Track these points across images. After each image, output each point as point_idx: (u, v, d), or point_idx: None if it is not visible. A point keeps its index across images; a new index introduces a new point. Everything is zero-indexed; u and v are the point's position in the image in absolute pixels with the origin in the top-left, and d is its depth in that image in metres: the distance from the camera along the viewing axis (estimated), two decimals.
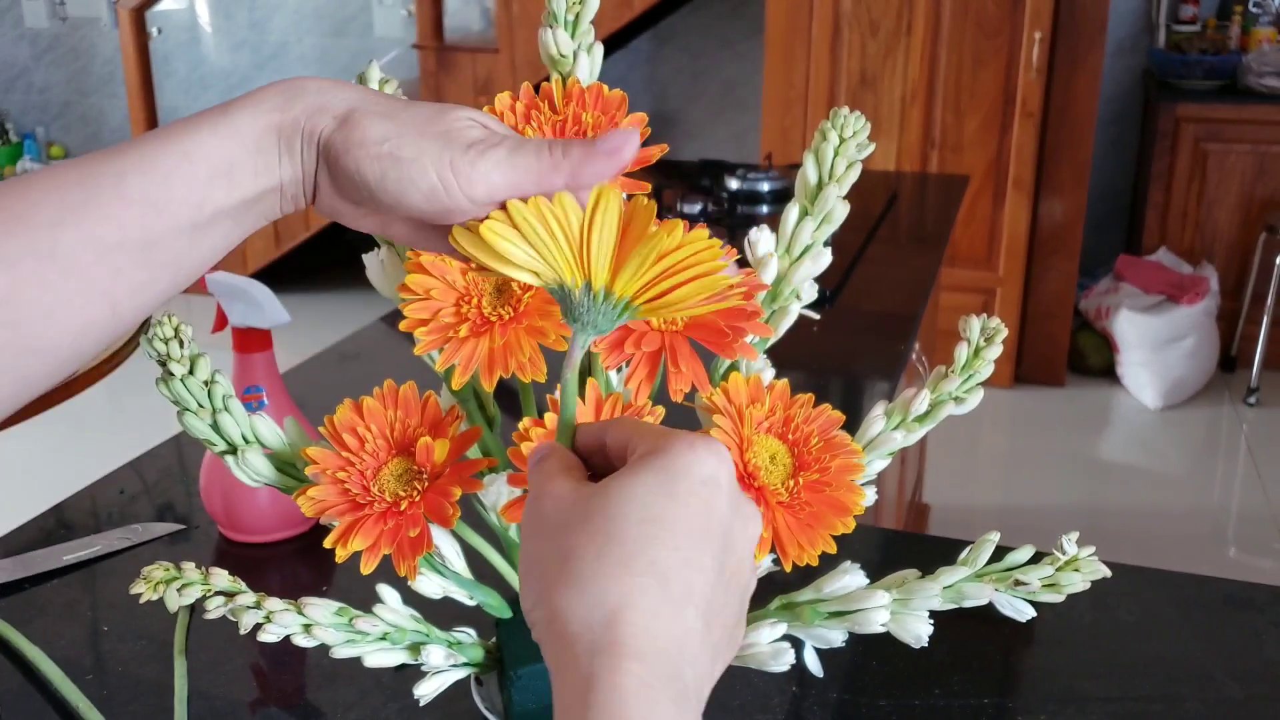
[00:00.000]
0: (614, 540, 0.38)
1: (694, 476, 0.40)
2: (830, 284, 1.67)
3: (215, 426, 0.57)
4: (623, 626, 0.36)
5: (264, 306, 0.92)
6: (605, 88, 0.57)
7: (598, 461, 0.45)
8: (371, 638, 0.60)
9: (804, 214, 0.60)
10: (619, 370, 0.59)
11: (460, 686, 0.66)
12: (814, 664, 0.61)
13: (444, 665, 0.61)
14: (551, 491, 0.42)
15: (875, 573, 0.61)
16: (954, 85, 3.26)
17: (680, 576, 0.38)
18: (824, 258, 0.61)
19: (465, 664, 0.63)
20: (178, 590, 0.59)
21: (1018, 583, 0.58)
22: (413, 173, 0.42)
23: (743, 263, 0.59)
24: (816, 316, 0.64)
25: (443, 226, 0.45)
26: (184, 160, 0.41)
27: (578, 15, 0.58)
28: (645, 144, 0.57)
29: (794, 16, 3.33)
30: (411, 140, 0.42)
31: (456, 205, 0.43)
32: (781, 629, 0.59)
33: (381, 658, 0.61)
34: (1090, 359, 3.54)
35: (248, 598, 0.59)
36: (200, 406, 0.57)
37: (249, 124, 0.43)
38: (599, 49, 0.59)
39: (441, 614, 0.64)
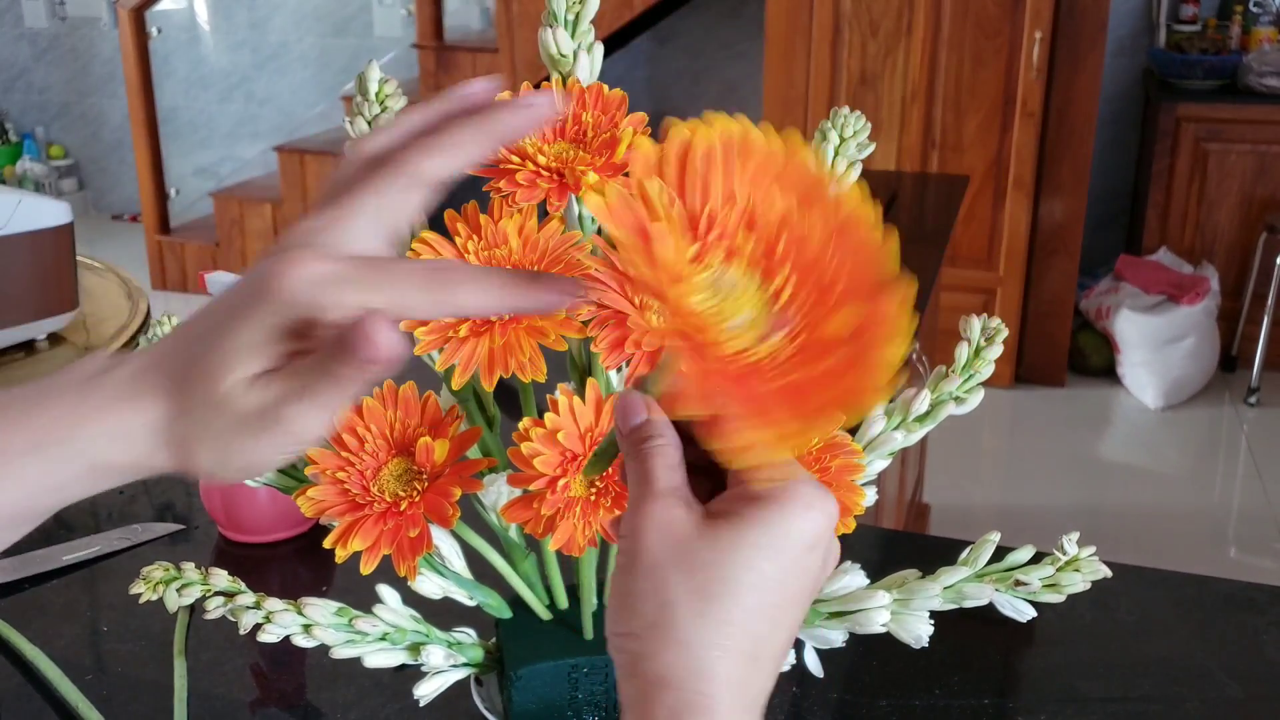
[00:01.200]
0: (715, 603, 0.38)
1: (806, 542, 0.39)
2: None
3: None
4: (711, 692, 0.37)
5: None
6: (605, 88, 0.57)
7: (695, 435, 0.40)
8: (371, 638, 0.60)
9: None
10: (619, 370, 0.59)
11: (460, 686, 0.66)
12: (814, 664, 0.61)
13: (444, 665, 0.61)
14: (658, 522, 0.39)
15: (875, 573, 0.61)
16: (954, 85, 3.26)
17: (771, 642, 0.39)
18: None
19: (465, 664, 0.63)
20: (177, 590, 0.59)
21: (1018, 583, 0.58)
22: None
23: None
24: None
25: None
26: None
27: (578, 15, 0.58)
28: None
29: (794, 17, 3.33)
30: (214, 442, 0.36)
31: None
32: None
33: (381, 658, 0.61)
34: (1091, 359, 3.54)
35: (247, 598, 0.59)
36: None
37: (74, 473, 0.37)
38: (599, 49, 0.59)
39: (441, 614, 0.64)
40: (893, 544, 1.07)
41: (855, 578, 0.59)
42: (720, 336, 0.33)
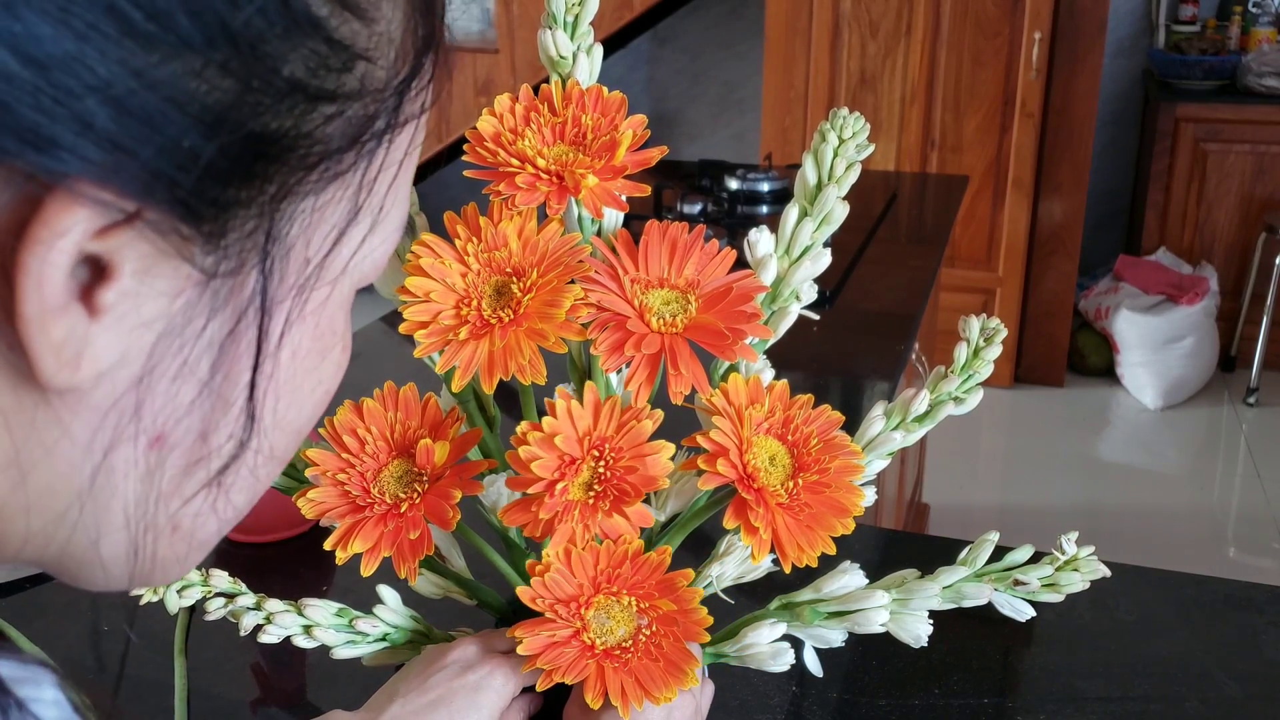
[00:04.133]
0: None
1: None
2: (830, 284, 1.67)
3: None
4: None
5: None
6: (605, 89, 0.58)
7: None
8: (371, 638, 0.60)
9: (803, 215, 0.60)
10: (619, 373, 0.59)
11: None
12: (814, 664, 0.61)
13: None
14: None
15: (875, 573, 0.61)
16: (953, 86, 3.26)
17: None
18: (823, 259, 0.61)
19: None
20: (178, 592, 0.59)
21: (1017, 582, 0.58)
22: None
23: (742, 264, 0.59)
24: (816, 317, 0.64)
25: None
26: None
27: (577, 17, 0.59)
28: (645, 146, 0.57)
29: (794, 17, 3.33)
30: None
31: None
32: (781, 629, 0.59)
33: (382, 658, 0.61)
34: (1090, 359, 3.54)
35: (248, 599, 0.59)
36: None
37: None
38: (598, 50, 0.59)
39: (441, 614, 0.64)
40: (892, 544, 1.07)
41: (854, 577, 0.59)
42: (606, 639, 0.54)
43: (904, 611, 0.59)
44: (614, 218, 0.59)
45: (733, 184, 2.08)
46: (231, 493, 0.34)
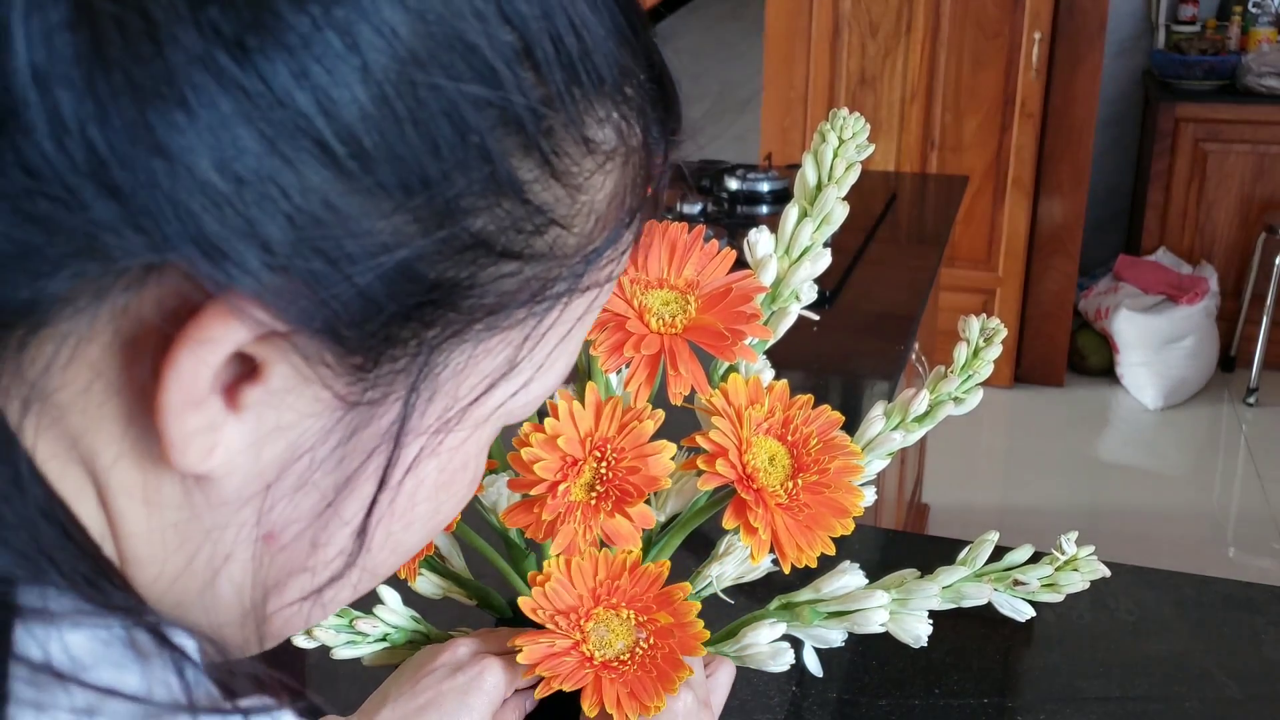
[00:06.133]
0: None
1: None
2: (830, 285, 1.67)
3: None
4: None
5: None
6: None
7: None
8: (372, 638, 0.60)
9: (803, 215, 0.61)
10: (618, 373, 0.59)
11: None
12: (814, 664, 0.61)
13: None
14: None
15: (874, 573, 0.61)
16: (953, 86, 3.26)
17: None
18: (823, 259, 0.61)
19: None
20: None
21: (1017, 582, 0.58)
22: None
23: (742, 264, 0.59)
24: (816, 317, 0.64)
25: None
26: None
27: None
28: None
29: (793, 18, 3.33)
30: None
31: None
32: (781, 629, 0.59)
33: (382, 658, 0.61)
34: (1090, 359, 3.54)
35: None
36: None
37: None
38: None
39: (441, 614, 0.65)
40: (892, 544, 1.07)
41: (854, 577, 0.59)
42: (605, 652, 0.54)
43: (904, 611, 0.59)
44: None
45: (733, 184, 2.08)
46: (327, 602, 0.34)
